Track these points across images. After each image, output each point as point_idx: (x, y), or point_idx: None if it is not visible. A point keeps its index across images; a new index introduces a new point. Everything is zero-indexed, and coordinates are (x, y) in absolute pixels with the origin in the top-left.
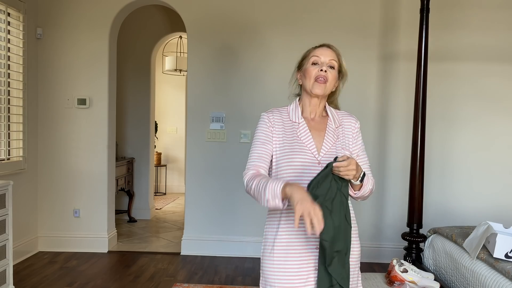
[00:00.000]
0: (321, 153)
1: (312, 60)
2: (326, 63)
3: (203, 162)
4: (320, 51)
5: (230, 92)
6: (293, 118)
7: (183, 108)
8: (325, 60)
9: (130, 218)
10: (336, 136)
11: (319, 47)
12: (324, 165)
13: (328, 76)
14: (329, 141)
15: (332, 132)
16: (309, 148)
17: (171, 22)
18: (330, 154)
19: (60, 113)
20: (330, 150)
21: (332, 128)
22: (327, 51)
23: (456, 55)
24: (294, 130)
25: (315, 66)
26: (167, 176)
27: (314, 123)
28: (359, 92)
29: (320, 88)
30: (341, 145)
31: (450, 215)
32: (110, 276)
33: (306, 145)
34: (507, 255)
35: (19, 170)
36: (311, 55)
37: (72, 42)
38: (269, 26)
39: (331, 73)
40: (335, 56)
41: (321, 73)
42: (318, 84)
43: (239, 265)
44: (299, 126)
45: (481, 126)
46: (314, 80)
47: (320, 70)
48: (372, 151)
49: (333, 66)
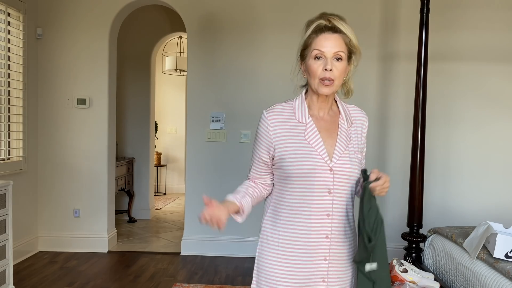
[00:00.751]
0: (333, 159)
1: (314, 54)
2: (331, 57)
3: (203, 162)
4: (322, 42)
5: (230, 92)
6: (300, 117)
7: (183, 108)
8: (329, 53)
9: (130, 218)
10: (349, 138)
11: (320, 34)
12: (337, 172)
13: (335, 73)
14: (342, 144)
15: (344, 133)
16: (320, 153)
17: (171, 22)
18: (343, 159)
19: (60, 113)
20: (343, 155)
21: (344, 129)
22: (331, 38)
23: (456, 55)
24: (301, 132)
25: (318, 61)
26: (167, 176)
27: (323, 122)
28: (359, 92)
29: (326, 89)
30: (354, 148)
31: (450, 215)
32: (110, 276)
33: (316, 149)
34: (507, 255)
35: (19, 170)
36: (313, 48)
37: (72, 42)
38: (269, 26)
39: (339, 67)
40: (341, 43)
41: (326, 73)
42: (324, 86)
43: (239, 265)
44: (307, 127)
45: (481, 126)
46: (319, 80)
47: (325, 69)
48: (372, 151)
49: (340, 57)
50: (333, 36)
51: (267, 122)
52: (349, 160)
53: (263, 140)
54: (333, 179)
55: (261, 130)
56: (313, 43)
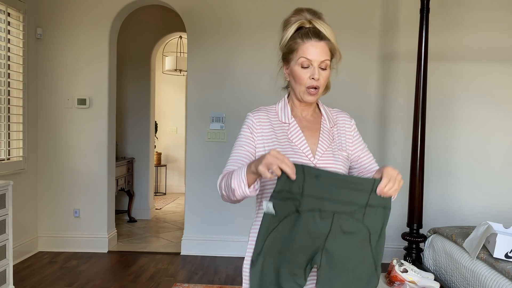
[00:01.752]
0: (316, 155)
1: (301, 62)
2: (317, 65)
3: (203, 162)
4: (309, 50)
5: (230, 92)
6: (282, 118)
7: (183, 108)
8: (316, 62)
9: (130, 218)
10: (332, 137)
11: (306, 40)
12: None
13: (321, 82)
14: (324, 142)
15: (327, 132)
16: (303, 151)
17: (171, 22)
18: (327, 156)
19: (60, 113)
20: (326, 152)
21: (327, 128)
22: (318, 46)
23: (456, 55)
24: (285, 131)
25: (305, 70)
26: (167, 176)
27: (306, 122)
28: (359, 92)
29: (311, 98)
30: (338, 146)
31: (450, 215)
32: (110, 276)
33: (299, 147)
34: (507, 255)
35: (19, 170)
36: (300, 55)
37: (72, 42)
38: (269, 26)
39: (324, 76)
40: (327, 51)
41: (312, 82)
42: (309, 95)
43: (239, 265)
44: (290, 126)
45: (481, 125)
46: (306, 88)
47: (312, 78)
48: (372, 151)
49: (326, 66)
50: (319, 44)
51: (253, 120)
52: (333, 156)
53: (247, 136)
54: None
55: (245, 128)
56: (300, 50)
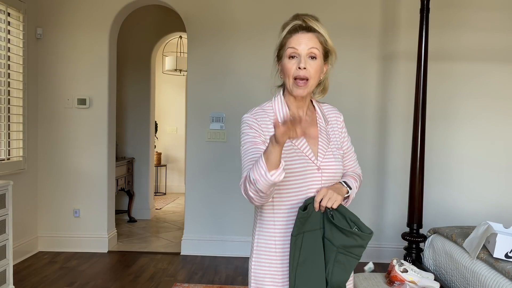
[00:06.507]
0: (319, 157)
1: (288, 53)
2: (305, 55)
3: (203, 162)
4: (296, 40)
5: (230, 92)
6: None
7: (183, 108)
8: (303, 50)
9: (130, 218)
10: (329, 136)
11: (294, 33)
12: (324, 170)
13: (310, 72)
14: (324, 143)
15: (324, 132)
16: (306, 154)
17: (171, 22)
18: (328, 157)
19: (60, 113)
20: (327, 153)
21: (323, 127)
22: (305, 37)
23: (456, 55)
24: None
25: (292, 60)
26: (167, 176)
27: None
28: (359, 92)
29: (300, 90)
30: (335, 145)
31: (450, 215)
32: (110, 276)
33: (302, 150)
34: (507, 255)
35: (19, 170)
36: (287, 46)
37: (72, 42)
38: (269, 26)
39: (313, 66)
40: (315, 41)
41: (299, 72)
42: (298, 87)
43: (239, 265)
44: None
45: (481, 126)
46: (293, 79)
47: (298, 67)
48: (372, 151)
49: (315, 55)
50: (307, 35)
51: (253, 120)
52: (333, 157)
53: (253, 134)
54: (321, 177)
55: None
56: (288, 42)
